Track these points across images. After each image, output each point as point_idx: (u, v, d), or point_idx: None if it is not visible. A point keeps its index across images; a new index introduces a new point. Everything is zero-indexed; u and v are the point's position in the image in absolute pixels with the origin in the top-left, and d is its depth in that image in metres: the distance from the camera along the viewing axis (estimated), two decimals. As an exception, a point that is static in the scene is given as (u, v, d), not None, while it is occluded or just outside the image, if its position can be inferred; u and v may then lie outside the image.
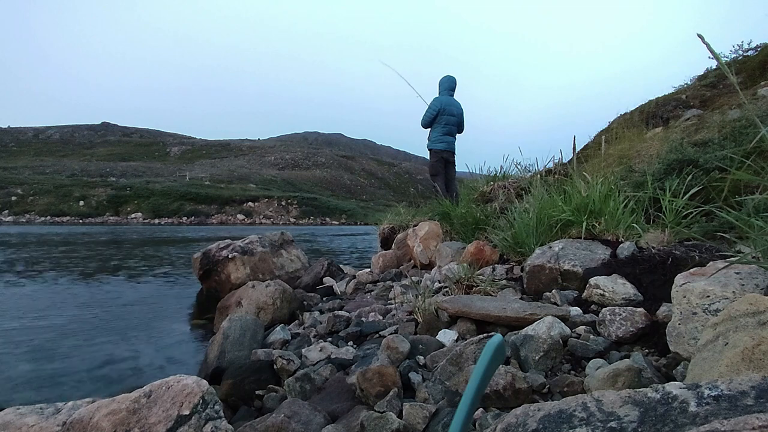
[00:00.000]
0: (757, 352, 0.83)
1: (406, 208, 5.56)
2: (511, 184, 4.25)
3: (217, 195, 39.51)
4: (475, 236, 3.51)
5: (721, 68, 1.85)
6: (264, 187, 48.49)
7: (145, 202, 36.18)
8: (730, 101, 6.40)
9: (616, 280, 1.81)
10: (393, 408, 1.28)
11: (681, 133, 4.62)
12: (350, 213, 43.43)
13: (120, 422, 1.10)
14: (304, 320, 2.73)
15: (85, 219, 32.76)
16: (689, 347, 1.17)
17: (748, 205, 1.48)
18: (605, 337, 1.49)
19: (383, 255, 4.11)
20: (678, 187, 2.09)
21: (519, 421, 0.73)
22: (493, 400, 1.18)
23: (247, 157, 71.33)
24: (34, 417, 1.17)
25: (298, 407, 1.33)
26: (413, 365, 1.53)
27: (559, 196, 2.73)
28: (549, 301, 1.95)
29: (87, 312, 3.54)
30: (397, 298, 2.62)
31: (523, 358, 1.39)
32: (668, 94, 8.69)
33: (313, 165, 71.81)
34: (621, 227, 2.26)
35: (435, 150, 4.97)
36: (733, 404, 0.61)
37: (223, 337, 2.20)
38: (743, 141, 2.41)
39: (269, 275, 3.93)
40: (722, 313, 0.97)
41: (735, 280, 1.19)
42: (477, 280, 2.30)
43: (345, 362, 1.78)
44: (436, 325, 1.87)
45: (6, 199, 34.09)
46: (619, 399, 0.69)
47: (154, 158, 67.93)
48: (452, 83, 4.99)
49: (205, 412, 1.13)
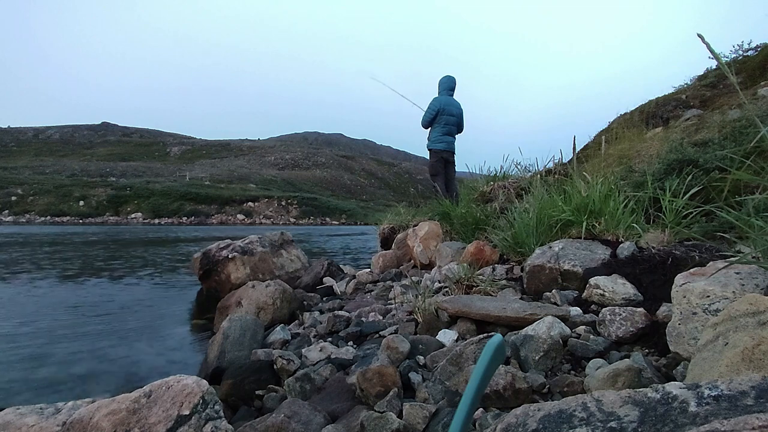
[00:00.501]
0: (757, 352, 0.83)
1: (406, 208, 5.56)
2: (511, 184, 4.25)
3: (217, 195, 39.51)
4: (475, 236, 3.51)
5: (721, 68, 1.85)
6: (264, 187, 48.49)
7: (145, 202, 36.19)
8: (730, 101, 6.40)
9: (616, 280, 1.81)
10: (393, 408, 1.28)
11: (681, 133, 4.62)
12: (350, 213, 43.44)
13: (120, 422, 1.10)
14: (304, 320, 2.73)
15: (85, 219, 32.77)
16: (689, 347, 1.17)
17: (748, 205, 1.48)
18: (605, 337, 1.49)
19: (383, 255, 4.11)
20: (678, 187, 2.09)
21: (519, 421, 0.73)
22: (493, 400, 1.18)
23: (247, 157, 71.33)
24: (34, 417, 1.17)
25: (298, 407, 1.33)
26: (413, 365, 1.53)
27: (559, 196, 2.73)
28: (549, 301, 1.95)
29: (86, 312, 3.54)
30: (397, 298, 2.62)
31: (523, 358, 1.39)
32: (668, 94, 8.69)
33: (313, 165, 71.82)
34: (621, 227, 2.26)
35: (435, 150, 4.98)
36: (733, 404, 0.61)
37: (223, 337, 2.20)
38: (743, 141, 2.41)
39: (269, 275, 3.93)
40: (722, 313, 0.97)
41: (735, 280, 1.19)
42: (477, 280, 2.30)
43: (345, 362, 1.78)
44: (436, 325, 1.87)
45: (6, 199, 34.09)
46: (619, 399, 0.69)
47: (154, 158, 67.93)
48: (452, 83, 5.00)
49: (205, 412, 1.13)
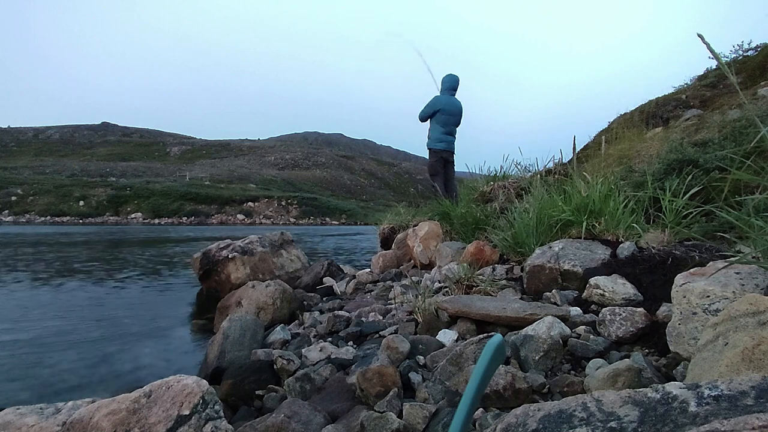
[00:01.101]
0: (757, 352, 0.83)
1: (406, 208, 5.56)
2: (511, 184, 4.24)
3: (217, 195, 39.52)
4: (475, 236, 3.51)
5: (721, 68, 1.85)
6: (264, 187, 48.50)
7: (145, 202, 36.19)
8: (730, 101, 6.40)
9: (616, 280, 1.81)
10: (393, 408, 1.28)
11: (681, 133, 4.62)
12: (350, 213, 43.44)
13: (120, 422, 1.10)
14: (304, 320, 2.73)
15: (85, 219, 32.77)
16: (689, 347, 1.17)
17: (748, 205, 1.48)
18: (605, 337, 1.49)
19: (383, 255, 4.11)
20: (678, 187, 2.09)
21: (519, 421, 0.73)
22: (493, 400, 1.18)
23: (247, 157, 71.34)
24: (34, 417, 1.17)
25: (298, 407, 1.33)
26: (413, 365, 1.53)
27: (559, 196, 2.73)
28: (549, 301, 1.95)
29: (86, 313, 3.54)
30: (397, 298, 2.62)
31: (523, 358, 1.39)
32: (668, 94, 8.69)
33: (313, 165, 71.82)
34: (621, 227, 2.26)
35: (435, 150, 4.98)
36: (733, 404, 0.61)
37: (223, 337, 2.20)
38: (743, 141, 2.41)
39: (269, 275, 3.93)
40: (722, 313, 0.97)
41: (735, 280, 1.19)
42: (477, 280, 2.30)
43: (345, 362, 1.78)
44: (436, 325, 1.87)
45: (6, 199, 34.11)
46: (619, 399, 0.69)
47: (154, 158, 67.93)
48: (454, 83, 4.99)
49: (205, 412, 1.13)
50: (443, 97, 4.92)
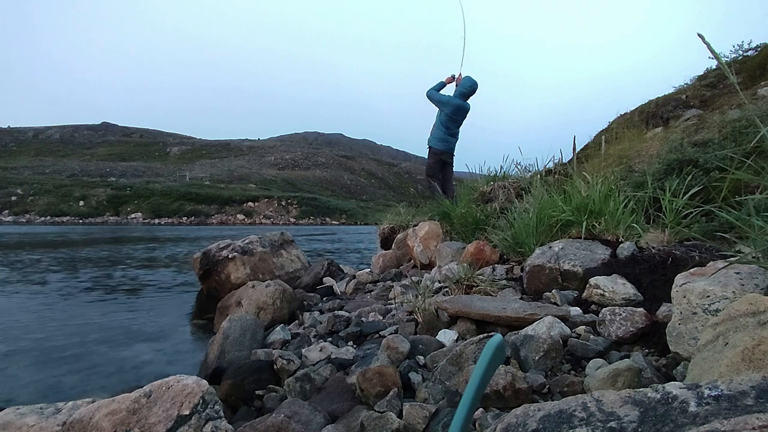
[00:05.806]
0: (757, 352, 0.83)
1: (406, 208, 5.55)
2: (511, 184, 4.24)
3: (217, 195, 39.55)
4: (475, 236, 3.51)
5: (721, 68, 1.85)
6: (264, 187, 48.51)
7: (145, 202, 36.22)
8: (730, 101, 6.40)
9: (616, 280, 1.81)
10: (393, 408, 1.28)
11: (681, 133, 4.62)
12: (350, 213, 43.45)
13: (120, 422, 1.10)
14: (304, 320, 2.73)
15: (85, 219, 32.78)
16: (689, 347, 1.17)
17: (748, 205, 1.48)
18: (605, 337, 1.49)
19: (383, 255, 4.11)
20: (678, 187, 2.09)
21: (519, 421, 0.73)
22: (493, 400, 1.18)
23: (247, 157, 71.37)
24: (34, 417, 1.17)
25: (298, 407, 1.33)
26: (413, 365, 1.53)
27: (559, 196, 2.73)
28: (549, 301, 1.95)
29: (86, 313, 3.54)
30: (397, 298, 2.62)
31: (523, 358, 1.39)
32: (668, 94, 8.68)
33: (313, 165, 71.84)
34: (621, 227, 2.26)
35: (435, 150, 4.95)
36: (733, 404, 0.61)
37: (223, 337, 2.20)
38: (743, 141, 2.41)
39: (269, 275, 3.92)
40: (722, 313, 0.97)
41: (735, 280, 1.19)
42: (477, 280, 2.30)
43: (345, 362, 1.78)
44: (436, 325, 1.87)
45: (6, 199, 34.13)
46: (619, 399, 0.69)
47: (154, 158, 67.96)
48: (472, 90, 4.83)
49: (205, 412, 1.13)
50: (456, 101, 4.84)
